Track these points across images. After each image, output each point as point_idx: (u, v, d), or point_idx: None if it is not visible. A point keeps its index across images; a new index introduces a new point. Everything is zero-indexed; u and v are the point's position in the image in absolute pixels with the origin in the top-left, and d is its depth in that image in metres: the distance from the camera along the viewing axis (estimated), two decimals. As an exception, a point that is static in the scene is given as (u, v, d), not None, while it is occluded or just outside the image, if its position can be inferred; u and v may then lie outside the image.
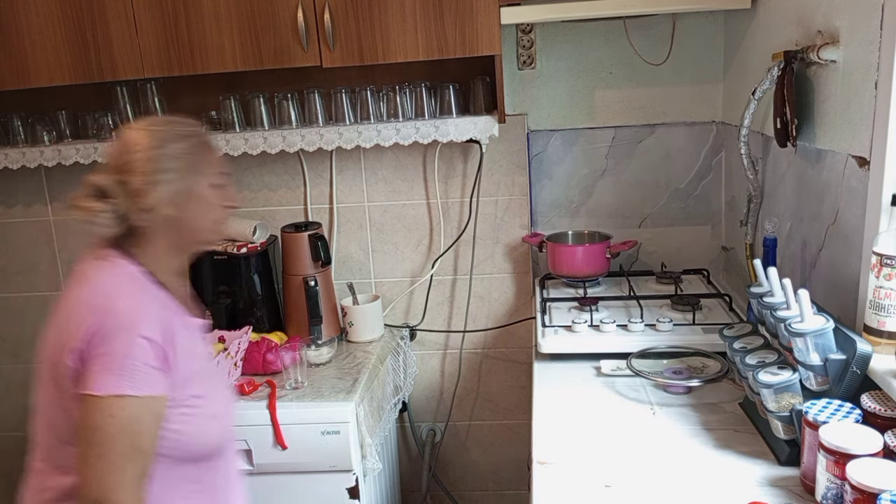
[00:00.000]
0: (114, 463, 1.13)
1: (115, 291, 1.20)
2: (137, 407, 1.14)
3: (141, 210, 1.22)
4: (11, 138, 2.26)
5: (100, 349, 1.14)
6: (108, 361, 1.13)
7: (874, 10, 1.26)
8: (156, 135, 1.25)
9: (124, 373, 1.13)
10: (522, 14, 1.94)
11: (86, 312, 1.17)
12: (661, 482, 1.30)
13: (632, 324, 1.84)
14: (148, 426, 1.16)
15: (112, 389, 1.12)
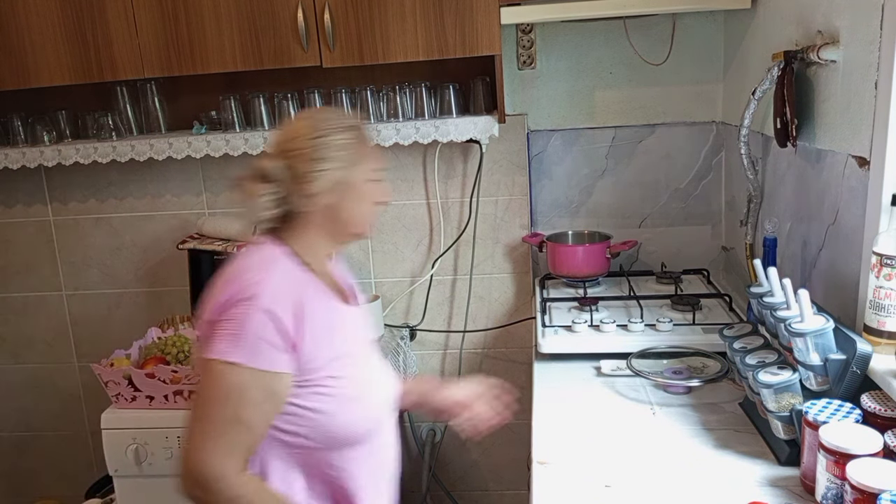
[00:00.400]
0: (213, 429, 1.13)
1: (247, 266, 1.21)
2: (245, 377, 1.13)
3: (303, 196, 1.23)
4: (11, 138, 2.26)
5: (222, 318, 1.15)
6: (225, 328, 1.14)
7: (874, 10, 1.26)
8: (322, 124, 1.26)
9: (236, 341, 1.13)
10: (522, 14, 1.94)
11: (219, 288, 1.20)
12: (661, 482, 1.30)
13: (632, 324, 1.84)
14: (254, 399, 1.14)
15: (222, 354, 1.13)
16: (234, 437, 1.14)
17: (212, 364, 1.13)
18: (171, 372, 1.82)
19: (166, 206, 2.42)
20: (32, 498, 2.70)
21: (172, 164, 2.32)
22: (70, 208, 2.45)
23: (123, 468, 1.89)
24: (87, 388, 2.59)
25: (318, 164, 1.23)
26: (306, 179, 1.22)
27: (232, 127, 2.20)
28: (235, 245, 2.16)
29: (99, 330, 2.53)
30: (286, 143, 1.25)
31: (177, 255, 2.34)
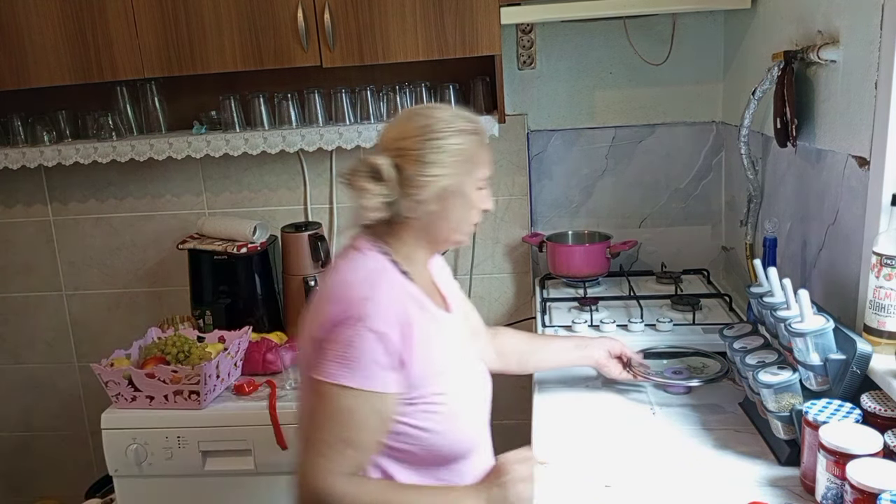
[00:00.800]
0: (327, 449, 1.12)
1: (354, 281, 1.17)
2: (354, 399, 1.11)
3: (412, 200, 1.18)
4: (11, 138, 2.26)
5: (330, 336, 1.12)
6: (334, 349, 1.11)
7: (874, 10, 1.26)
8: (440, 125, 1.20)
9: (348, 364, 1.10)
10: (522, 14, 1.94)
11: (326, 302, 1.16)
12: (661, 482, 1.30)
13: (632, 324, 1.84)
14: (364, 421, 1.12)
15: (332, 377, 1.11)
16: (345, 458, 1.12)
17: (323, 386, 1.11)
18: (171, 372, 1.82)
19: (166, 206, 2.42)
20: (32, 498, 2.70)
21: (172, 164, 2.32)
22: (70, 208, 2.45)
23: (123, 468, 1.89)
24: (87, 388, 2.59)
25: (430, 168, 1.18)
26: (415, 184, 1.17)
27: (232, 127, 2.20)
28: (235, 245, 2.16)
29: (99, 330, 2.53)
30: (399, 140, 1.19)
31: (177, 255, 2.34)
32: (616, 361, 1.63)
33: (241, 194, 2.39)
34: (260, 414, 1.84)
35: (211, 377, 1.85)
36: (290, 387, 1.93)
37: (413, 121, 1.21)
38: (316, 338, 1.14)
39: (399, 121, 1.23)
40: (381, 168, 1.17)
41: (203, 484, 1.89)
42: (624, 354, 1.63)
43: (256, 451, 1.85)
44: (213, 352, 1.92)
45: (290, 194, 2.39)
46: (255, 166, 2.36)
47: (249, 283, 2.21)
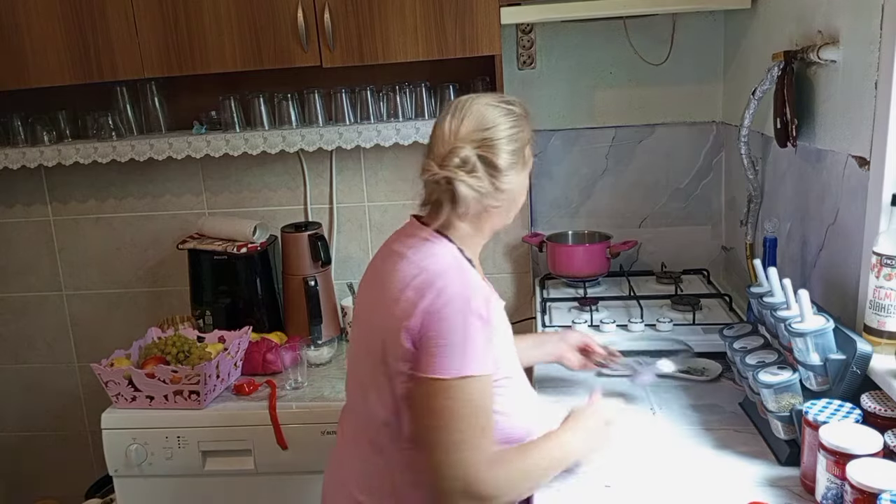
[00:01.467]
0: (471, 443, 1.12)
1: (443, 271, 1.17)
2: (478, 385, 1.13)
3: (497, 190, 1.20)
4: (11, 138, 2.26)
5: (438, 331, 1.12)
6: (450, 343, 1.11)
7: (874, 10, 1.26)
8: (512, 116, 1.22)
9: (467, 354, 1.11)
10: (522, 14, 1.94)
11: (415, 293, 1.15)
12: (661, 482, 1.30)
13: (632, 324, 1.84)
14: (489, 404, 1.15)
15: (458, 372, 1.10)
16: (485, 444, 1.14)
17: (446, 384, 1.11)
18: (171, 372, 1.82)
19: (166, 206, 2.42)
20: (32, 498, 2.70)
21: (172, 164, 2.32)
22: (70, 208, 2.45)
23: (123, 468, 1.89)
24: (87, 388, 2.59)
25: (512, 157, 1.20)
26: (501, 174, 1.19)
27: (232, 127, 2.20)
28: (235, 245, 2.16)
29: (99, 330, 2.53)
30: (478, 132, 1.19)
31: (177, 255, 2.34)
32: (576, 352, 1.60)
33: (241, 194, 2.39)
34: (260, 414, 1.84)
35: (211, 377, 1.85)
36: (290, 387, 1.94)
37: (484, 111, 1.21)
38: (410, 329, 1.13)
39: (468, 112, 1.21)
40: (470, 159, 1.17)
41: (203, 484, 1.89)
42: (586, 345, 1.60)
43: (256, 451, 1.85)
44: (213, 352, 1.92)
45: (290, 194, 2.39)
46: (255, 166, 2.36)
47: (249, 283, 2.21)
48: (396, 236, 1.30)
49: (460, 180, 1.16)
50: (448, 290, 1.14)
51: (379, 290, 1.23)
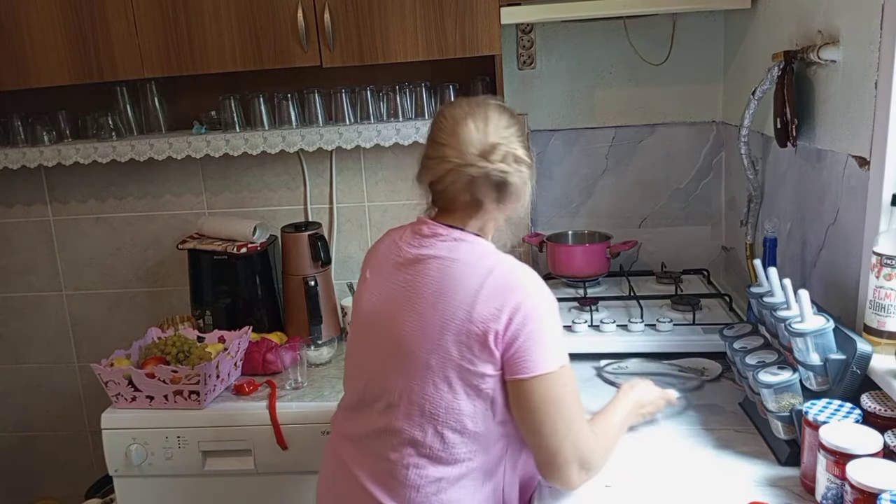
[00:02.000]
0: (579, 424, 1.23)
1: (511, 270, 1.24)
2: (570, 371, 1.23)
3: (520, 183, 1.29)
4: (11, 138, 2.26)
5: (532, 328, 1.18)
6: (547, 338, 1.20)
7: (874, 10, 1.26)
8: (514, 116, 1.32)
9: (556, 347, 1.21)
10: (522, 14, 1.94)
11: (493, 295, 1.19)
12: (661, 482, 1.30)
13: (632, 324, 1.84)
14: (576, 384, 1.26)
15: (560, 362, 1.20)
16: (585, 421, 1.25)
17: (553, 376, 1.19)
18: (171, 372, 1.82)
19: (166, 206, 2.42)
20: (32, 498, 2.70)
21: (172, 164, 2.32)
22: (70, 208, 2.45)
23: (123, 468, 1.89)
24: (87, 388, 2.59)
25: (528, 152, 1.30)
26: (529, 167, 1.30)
27: (232, 127, 2.20)
28: (235, 245, 2.16)
29: (99, 330, 2.53)
30: (504, 129, 1.27)
31: (177, 255, 2.34)
32: None
33: (241, 194, 2.39)
34: (260, 414, 1.84)
35: (211, 377, 1.85)
36: (290, 387, 1.94)
37: (500, 112, 1.29)
38: (498, 332, 1.18)
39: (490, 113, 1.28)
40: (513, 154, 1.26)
41: (203, 484, 1.89)
42: None
43: (256, 451, 1.85)
44: (213, 352, 1.92)
45: (290, 194, 2.39)
46: (255, 166, 2.36)
47: (249, 283, 2.21)
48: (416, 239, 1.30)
49: (514, 172, 1.25)
50: (528, 288, 1.21)
51: (435, 300, 1.22)
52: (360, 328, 1.36)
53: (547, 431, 1.19)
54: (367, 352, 1.32)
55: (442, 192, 1.28)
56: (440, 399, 1.21)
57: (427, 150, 1.30)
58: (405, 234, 1.33)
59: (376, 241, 1.43)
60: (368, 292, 1.34)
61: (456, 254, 1.25)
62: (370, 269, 1.37)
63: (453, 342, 1.20)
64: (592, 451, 1.23)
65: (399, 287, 1.28)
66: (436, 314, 1.21)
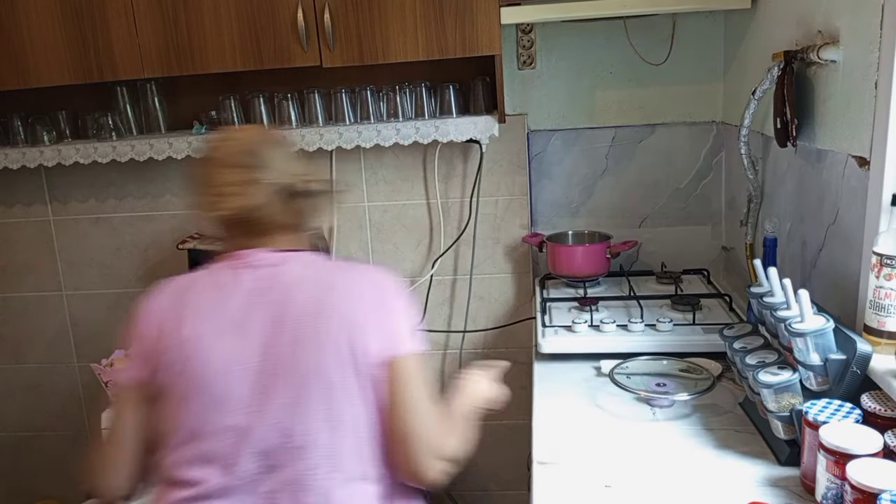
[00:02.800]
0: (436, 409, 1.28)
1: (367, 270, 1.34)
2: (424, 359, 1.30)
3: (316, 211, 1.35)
4: (11, 138, 2.26)
5: (397, 318, 1.27)
6: (408, 323, 1.28)
7: (874, 10, 1.26)
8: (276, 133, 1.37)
9: (416, 332, 1.28)
10: (522, 14, 1.94)
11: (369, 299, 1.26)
12: (661, 482, 1.30)
13: (632, 324, 1.84)
14: None
15: (419, 349, 1.28)
16: None
17: (419, 361, 1.26)
18: (171, 372, 1.82)
19: (166, 206, 2.42)
20: (32, 498, 2.70)
21: (172, 164, 2.32)
22: (70, 208, 2.45)
23: (123, 468, 1.88)
24: (87, 388, 2.59)
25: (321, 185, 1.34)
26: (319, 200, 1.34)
27: (232, 127, 2.20)
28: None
29: (99, 330, 2.53)
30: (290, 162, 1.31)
31: (177, 255, 2.34)
32: None
33: (241, 194, 2.39)
34: (260, 414, 1.84)
35: (211, 377, 1.85)
36: (290, 387, 1.93)
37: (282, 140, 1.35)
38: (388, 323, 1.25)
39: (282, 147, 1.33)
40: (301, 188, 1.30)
41: (203, 484, 1.89)
42: None
43: (256, 451, 1.84)
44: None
45: (290, 194, 2.38)
46: (255, 166, 2.35)
47: (249, 283, 2.21)
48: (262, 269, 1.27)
49: None
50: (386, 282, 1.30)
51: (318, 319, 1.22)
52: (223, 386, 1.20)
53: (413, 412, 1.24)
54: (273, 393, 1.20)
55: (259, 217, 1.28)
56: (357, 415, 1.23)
57: None
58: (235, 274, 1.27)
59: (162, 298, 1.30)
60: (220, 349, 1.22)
61: (312, 270, 1.29)
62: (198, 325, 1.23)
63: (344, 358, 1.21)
64: None
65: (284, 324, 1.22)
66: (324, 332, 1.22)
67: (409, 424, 1.21)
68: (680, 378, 1.67)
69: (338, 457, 1.20)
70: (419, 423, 1.22)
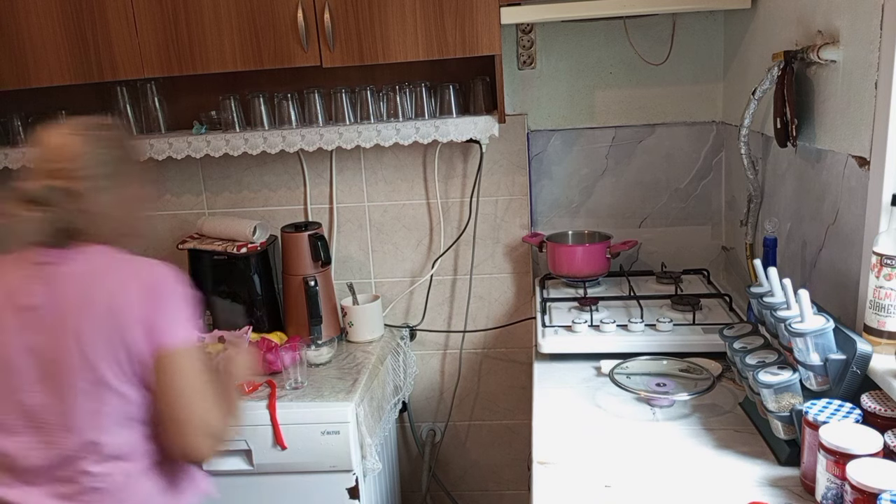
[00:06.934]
0: (207, 395, 1.33)
1: (140, 263, 1.33)
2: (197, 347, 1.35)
3: (86, 213, 1.29)
4: (11, 138, 2.26)
5: (171, 307, 1.30)
6: (182, 314, 1.32)
7: (874, 10, 1.26)
8: (89, 140, 1.31)
9: (190, 322, 1.33)
10: (522, 14, 1.94)
11: (137, 291, 1.28)
12: (661, 482, 1.30)
13: (632, 324, 1.84)
14: None
15: (192, 338, 1.33)
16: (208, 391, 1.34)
17: (185, 351, 1.30)
18: (170, 372, 1.82)
19: (166, 206, 2.42)
20: (32, 498, 2.69)
21: (172, 164, 2.32)
22: (70, 208, 2.44)
23: (123, 468, 1.89)
24: (87, 388, 2.58)
25: (94, 181, 1.29)
26: (84, 199, 1.28)
27: (232, 127, 2.20)
28: (235, 245, 2.16)
29: (99, 330, 2.53)
30: (52, 162, 1.28)
31: (177, 255, 2.33)
32: None
33: (241, 194, 2.39)
34: (260, 414, 1.84)
35: (210, 377, 1.85)
36: (290, 387, 1.93)
37: (63, 142, 1.30)
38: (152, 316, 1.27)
39: (47, 144, 1.30)
40: (39, 194, 1.26)
41: (203, 484, 1.89)
42: None
43: (256, 451, 1.85)
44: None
45: (290, 194, 2.39)
46: (255, 166, 2.36)
47: (249, 283, 2.21)
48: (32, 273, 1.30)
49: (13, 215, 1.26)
50: (160, 276, 1.32)
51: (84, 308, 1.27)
52: None
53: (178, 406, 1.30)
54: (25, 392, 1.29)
55: None
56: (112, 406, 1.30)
57: None
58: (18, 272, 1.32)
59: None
60: None
61: (89, 265, 1.31)
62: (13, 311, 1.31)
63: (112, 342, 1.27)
64: None
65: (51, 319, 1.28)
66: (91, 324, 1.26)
67: (177, 410, 1.29)
68: (680, 378, 1.67)
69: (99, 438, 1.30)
70: (186, 408, 1.29)
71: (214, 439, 1.33)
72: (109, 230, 1.34)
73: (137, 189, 1.40)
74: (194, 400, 1.30)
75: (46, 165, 1.28)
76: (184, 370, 1.30)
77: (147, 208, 1.45)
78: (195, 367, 1.31)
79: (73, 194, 1.27)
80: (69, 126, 1.32)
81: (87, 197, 1.28)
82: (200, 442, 1.31)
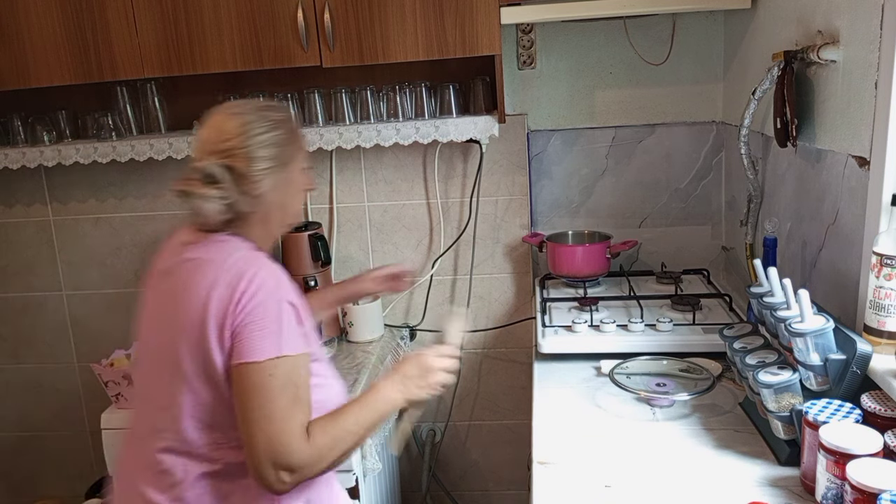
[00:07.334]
0: (281, 414, 1.17)
1: (249, 264, 1.22)
2: (293, 362, 1.20)
3: (249, 196, 1.25)
4: (11, 138, 2.26)
5: (252, 318, 1.18)
6: (264, 328, 1.18)
7: (874, 10, 1.26)
8: (256, 121, 1.27)
9: (281, 336, 1.18)
10: (522, 14, 1.94)
11: (226, 289, 1.20)
12: (661, 482, 1.30)
13: (632, 324, 1.84)
14: (303, 379, 1.22)
15: (271, 353, 1.17)
16: (299, 417, 1.19)
17: (260, 365, 1.17)
18: (170, 372, 1.82)
19: (166, 206, 2.42)
20: (32, 498, 2.70)
21: (172, 164, 2.32)
22: (70, 208, 2.45)
23: (123, 468, 1.88)
24: (87, 388, 2.59)
25: (259, 163, 1.25)
26: (250, 180, 1.24)
27: (232, 127, 2.20)
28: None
29: (99, 330, 2.53)
30: (220, 142, 1.25)
31: (177, 255, 2.34)
32: (380, 281, 1.75)
33: (241, 194, 2.39)
34: (260, 414, 1.84)
35: (211, 377, 1.85)
36: (290, 387, 1.93)
37: (229, 123, 1.26)
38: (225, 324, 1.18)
39: (215, 124, 1.28)
40: (214, 172, 1.22)
41: (203, 484, 1.89)
42: (392, 273, 1.75)
43: (256, 451, 1.84)
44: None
45: (290, 194, 2.38)
46: (255, 166, 2.35)
47: (249, 283, 2.21)
48: (179, 248, 1.30)
49: (198, 194, 1.23)
50: (258, 280, 1.20)
51: (179, 301, 1.23)
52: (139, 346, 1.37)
53: (248, 423, 1.18)
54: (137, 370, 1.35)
55: None
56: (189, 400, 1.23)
57: None
58: (174, 244, 1.34)
59: None
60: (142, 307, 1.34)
61: (212, 255, 1.25)
62: (148, 289, 1.35)
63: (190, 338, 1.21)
64: (295, 450, 1.17)
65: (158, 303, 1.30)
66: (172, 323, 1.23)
67: (243, 429, 1.19)
68: (680, 378, 1.67)
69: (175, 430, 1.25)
70: (250, 430, 1.18)
71: (287, 472, 1.17)
72: (269, 215, 1.30)
73: (298, 174, 1.34)
74: (261, 425, 1.16)
75: (214, 145, 1.25)
76: (257, 388, 1.17)
77: (302, 198, 1.38)
78: (272, 386, 1.17)
79: (240, 174, 1.24)
80: (238, 105, 1.31)
81: (252, 178, 1.24)
82: (263, 469, 1.17)
